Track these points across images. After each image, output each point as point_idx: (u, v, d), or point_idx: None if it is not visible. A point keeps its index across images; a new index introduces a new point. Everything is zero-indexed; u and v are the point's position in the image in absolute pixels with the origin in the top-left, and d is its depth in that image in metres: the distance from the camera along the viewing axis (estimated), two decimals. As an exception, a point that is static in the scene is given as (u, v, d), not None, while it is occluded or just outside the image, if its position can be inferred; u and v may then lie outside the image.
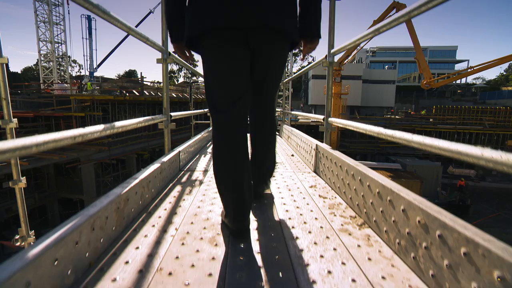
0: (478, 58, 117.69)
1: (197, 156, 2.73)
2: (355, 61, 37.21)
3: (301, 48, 1.35)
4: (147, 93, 19.36)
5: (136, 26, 32.57)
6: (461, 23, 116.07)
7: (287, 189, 1.75)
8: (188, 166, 2.30)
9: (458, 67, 51.58)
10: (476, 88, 49.47)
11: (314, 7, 1.24)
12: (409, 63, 48.81)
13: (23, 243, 2.21)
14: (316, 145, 2.11)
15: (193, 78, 68.80)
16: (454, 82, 44.52)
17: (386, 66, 43.33)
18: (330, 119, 1.94)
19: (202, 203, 1.48)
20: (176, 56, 2.34)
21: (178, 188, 1.72)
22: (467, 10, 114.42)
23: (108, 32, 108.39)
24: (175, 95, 22.50)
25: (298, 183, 1.87)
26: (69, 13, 29.14)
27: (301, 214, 1.35)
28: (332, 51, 1.92)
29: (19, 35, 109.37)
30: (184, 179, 1.92)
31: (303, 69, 3.00)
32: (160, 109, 21.76)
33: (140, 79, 23.38)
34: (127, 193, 1.19)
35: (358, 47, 23.89)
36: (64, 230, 0.78)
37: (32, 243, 2.24)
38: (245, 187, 1.09)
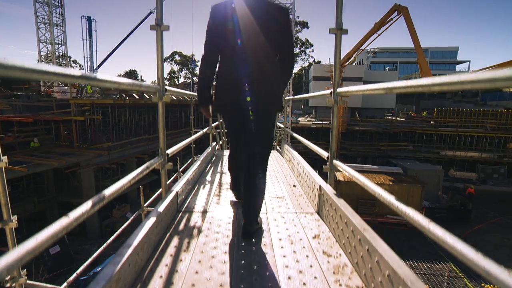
0: (479, 59, 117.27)
1: (196, 187, 2.64)
2: (355, 62, 37.07)
3: None
4: (147, 96, 19.27)
5: (137, 27, 32.41)
6: (462, 24, 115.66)
7: (289, 241, 1.66)
8: (186, 204, 2.21)
9: (459, 68, 51.46)
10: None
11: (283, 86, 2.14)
12: (410, 64, 48.57)
13: (13, 284, 2.12)
14: (320, 186, 2.02)
15: (193, 78, 68.68)
16: (455, 83, 44.14)
17: (387, 68, 43.19)
18: (335, 161, 1.86)
19: (200, 266, 1.39)
20: (173, 89, 2.25)
21: (175, 241, 1.64)
22: (468, 10, 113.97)
23: (109, 32, 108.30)
24: (175, 98, 22.40)
25: (300, 231, 1.78)
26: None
27: (304, 284, 1.26)
28: (338, 90, 1.83)
29: (20, 35, 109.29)
30: (181, 227, 1.83)
31: (306, 95, 2.92)
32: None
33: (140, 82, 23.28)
34: (119, 272, 1.10)
35: (360, 49, 23.76)
36: None
37: (23, 283, 2.16)
38: (240, 173, 2.20)
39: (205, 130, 3.97)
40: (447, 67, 50.19)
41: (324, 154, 2.09)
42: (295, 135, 3.31)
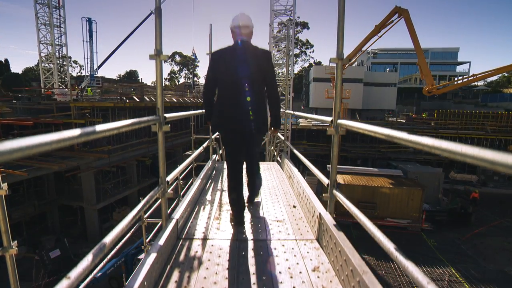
0: (480, 60, 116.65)
1: (196, 209, 2.64)
2: (356, 63, 37.08)
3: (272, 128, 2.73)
4: (147, 99, 19.27)
5: (137, 27, 32.49)
6: (462, 25, 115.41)
7: (289, 274, 1.66)
8: (186, 230, 2.21)
9: (459, 69, 51.39)
10: (477, 90, 49.26)
11: (276, 115, 2.58)
12: (411, 65, 48.58)
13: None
14: (320, 214, 2.02)
15: (194, 79, 68.60)
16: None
17: (388, 69, 43.16)
18: (335, 191, 1.85)
19: (199, 306, 1.39)
20: (174, 115, 2.26)
21: (175, 275, 1.63)
22: (469, 11, 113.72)
23: (109, 32, 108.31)
24: (175, 100, 22.40)
25: (300, 263, 1.78)
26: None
27: (304, 328, 1.26)
28: (338, 121, 1.83)
29: (20, 35, 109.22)
30: (182, 257, 1.83)
31: (306, 115, 2.92)
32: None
33: (140, 85, 23.32)
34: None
35: (360, 51, 23.72)
36: None
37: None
38: (240, 194, 2.44)
39: (204, 145, 3.97)
40: (448, 68, 50.17)
41: (325, 181, 2.08)
42: (296, 152, 3.30)
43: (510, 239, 15.23)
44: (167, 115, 1.99)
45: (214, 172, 4.03)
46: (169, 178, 2.05)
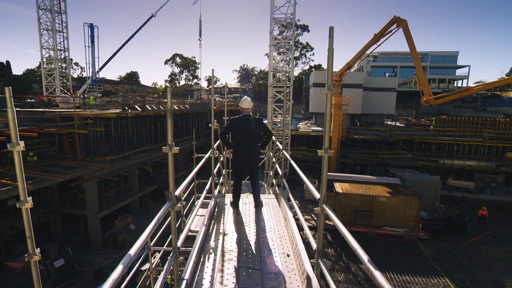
0: (479, 63, 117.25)
1: (202, 259, 2.94)
2: (355, 69, 37.31)
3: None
4: (149, 108, 19.58)
5: (139, 29, 32.75)
6: (462, 28, 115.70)
7: None
8: (194, 286, 2.52)
9: (459, 72, 51.65)
10: (476, 94, 49.47)
11: (265, 143, 4.64)
12: (410, 68, 48.79)
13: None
14: (308, 276, 2.33)
15: (194, 80, 68.61)
16: (453, 93, 44.47)
17: (387, 74, 43.39)
18: (324, 205, 2.14)
19: None
20: (180, 189, 2.56)
21: None
22: (469, 15, 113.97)
23: (111, 33, 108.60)
24: (176, 108, 22.70)
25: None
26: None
27: None
28: (323, 205, 2.13)
29: (22, 35, 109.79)
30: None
31: (305, 179, 3.21)
32: (162, 121, 21.58)
33: (141, 96, 23.61)
34: None
35: (359, 59, 23.99)
36: None
37: None
38: (238, 192, 4.67)
39: (207, 186, 4.28)
40: (447, 71, 50.44)
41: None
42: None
43: (505, 249, 15.53)
44: (177, 192, 2.29)
45: (216, 210, 4.34)
46: (179, 243, 2.36)
